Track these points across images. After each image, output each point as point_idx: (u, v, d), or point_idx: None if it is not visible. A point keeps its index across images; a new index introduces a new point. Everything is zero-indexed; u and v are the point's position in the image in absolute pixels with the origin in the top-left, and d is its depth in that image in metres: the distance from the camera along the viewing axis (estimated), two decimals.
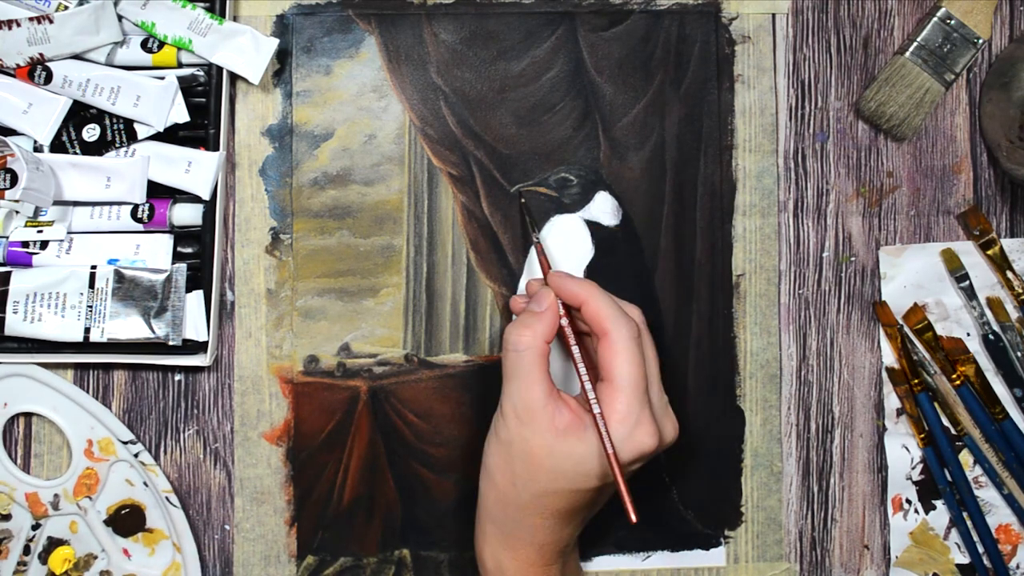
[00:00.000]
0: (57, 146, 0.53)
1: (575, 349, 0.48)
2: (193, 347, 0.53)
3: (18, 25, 0.50)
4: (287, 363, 0.56)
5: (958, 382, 0.57)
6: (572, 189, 0.56)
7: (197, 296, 0.53)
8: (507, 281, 0.56)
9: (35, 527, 0.55)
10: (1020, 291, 0.57)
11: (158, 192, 0.53)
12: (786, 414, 0.57)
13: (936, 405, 0.57)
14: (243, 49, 0.53)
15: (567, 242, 0.56)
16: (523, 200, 0.56)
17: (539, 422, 0.46)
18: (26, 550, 0.54)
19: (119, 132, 0.53)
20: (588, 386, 0.47)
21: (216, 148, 0.54)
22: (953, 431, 0.57)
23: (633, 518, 0.44)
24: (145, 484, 0.54)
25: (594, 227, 0.56)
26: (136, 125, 0.53)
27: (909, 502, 0.58)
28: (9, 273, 0.52)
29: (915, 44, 0.56)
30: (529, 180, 0.56)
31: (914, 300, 0.57)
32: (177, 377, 0.55)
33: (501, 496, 0.48)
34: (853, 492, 0.58)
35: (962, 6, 0.56)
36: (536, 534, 0.48)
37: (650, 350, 0.49)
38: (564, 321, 0.49)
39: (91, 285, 0.52)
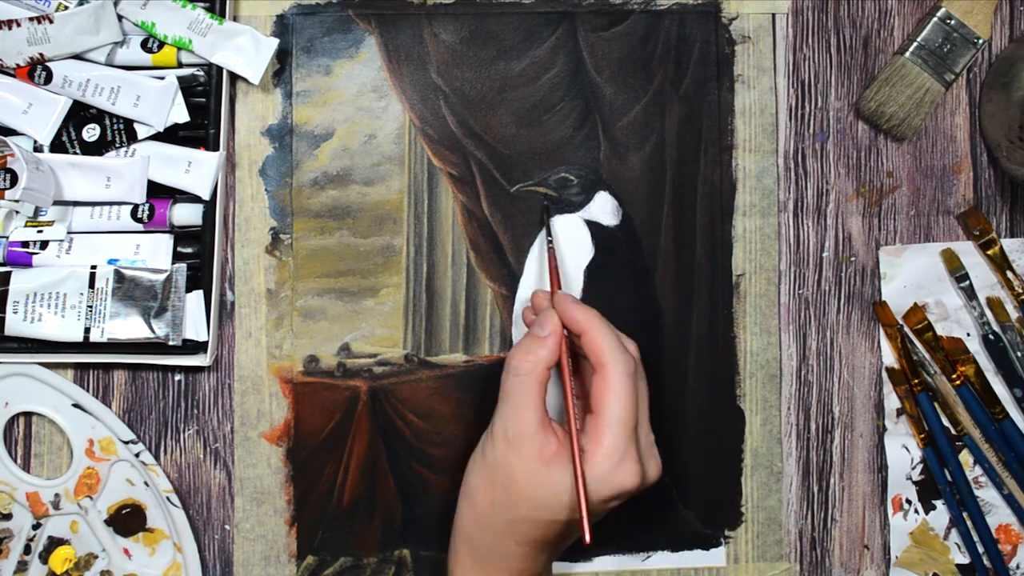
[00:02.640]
0: (57, 146, 0.53)
1: (570, 381, 0.47)
2: (193, 347, 0.53)
3: (18, 25, 0.50)
4: (287, 363, 0.56)
5: (958, 382, 0.56)
6: (572, 189, 0.56)
7: (197, 296, 0.53)
8: (507, 281, 0.56)
9: (36, 527, 0.55)
10: (1020, 291, 0.57)
11: (158, 192, 0.53)
12: (786, 414, 0.57)
13: (936, 405, 0.57)
14: (243, 49, 0.53)
15: (567, 242, 0.56)
16: (546, 203, 0.55)
17: (527, 449, 0.45)
18: (27, 549, 0.54)
19: (119, 132, 0.53)
20: (574, 415, 0.46)
21: (216, 148, 0.54)
22: (953, 431, 0.57)
23: (587, 539, 0.43)
24: (146, 484, 0.54)
25: (594, 227, 0.56)
26: (136, 125, 0.53)
27: (909, 502, 0.58)
28: (9, 273, 0.52)
29: (915, 44, 0.56)
30: (529, 180, 0.56)
31: (914, 300, 0.57)
32: (177, 377, 0.56)
33: (478, 517, 0.47)
34: (853, 492, 0.58)
35: (962, 6, 0.56)
36: (509, 560, 0.47)
37: (643, 387, 0.48)
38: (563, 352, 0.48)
39: (91, 285, 0.52)
